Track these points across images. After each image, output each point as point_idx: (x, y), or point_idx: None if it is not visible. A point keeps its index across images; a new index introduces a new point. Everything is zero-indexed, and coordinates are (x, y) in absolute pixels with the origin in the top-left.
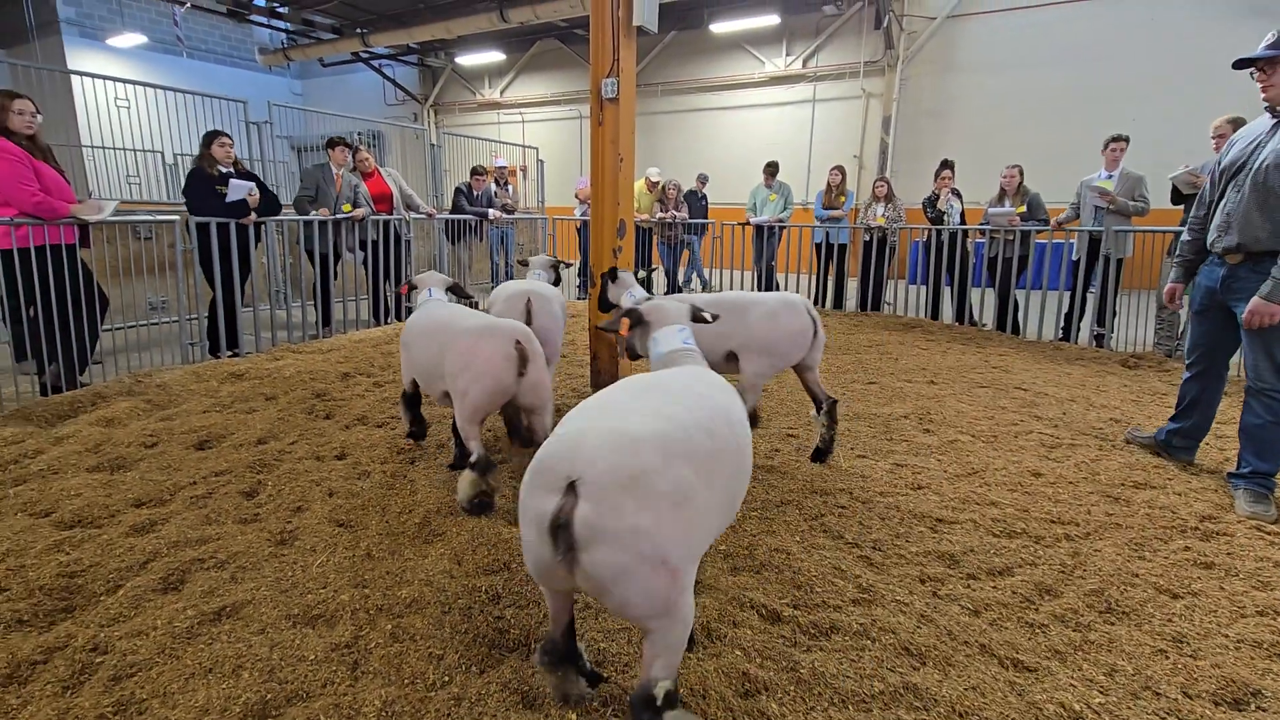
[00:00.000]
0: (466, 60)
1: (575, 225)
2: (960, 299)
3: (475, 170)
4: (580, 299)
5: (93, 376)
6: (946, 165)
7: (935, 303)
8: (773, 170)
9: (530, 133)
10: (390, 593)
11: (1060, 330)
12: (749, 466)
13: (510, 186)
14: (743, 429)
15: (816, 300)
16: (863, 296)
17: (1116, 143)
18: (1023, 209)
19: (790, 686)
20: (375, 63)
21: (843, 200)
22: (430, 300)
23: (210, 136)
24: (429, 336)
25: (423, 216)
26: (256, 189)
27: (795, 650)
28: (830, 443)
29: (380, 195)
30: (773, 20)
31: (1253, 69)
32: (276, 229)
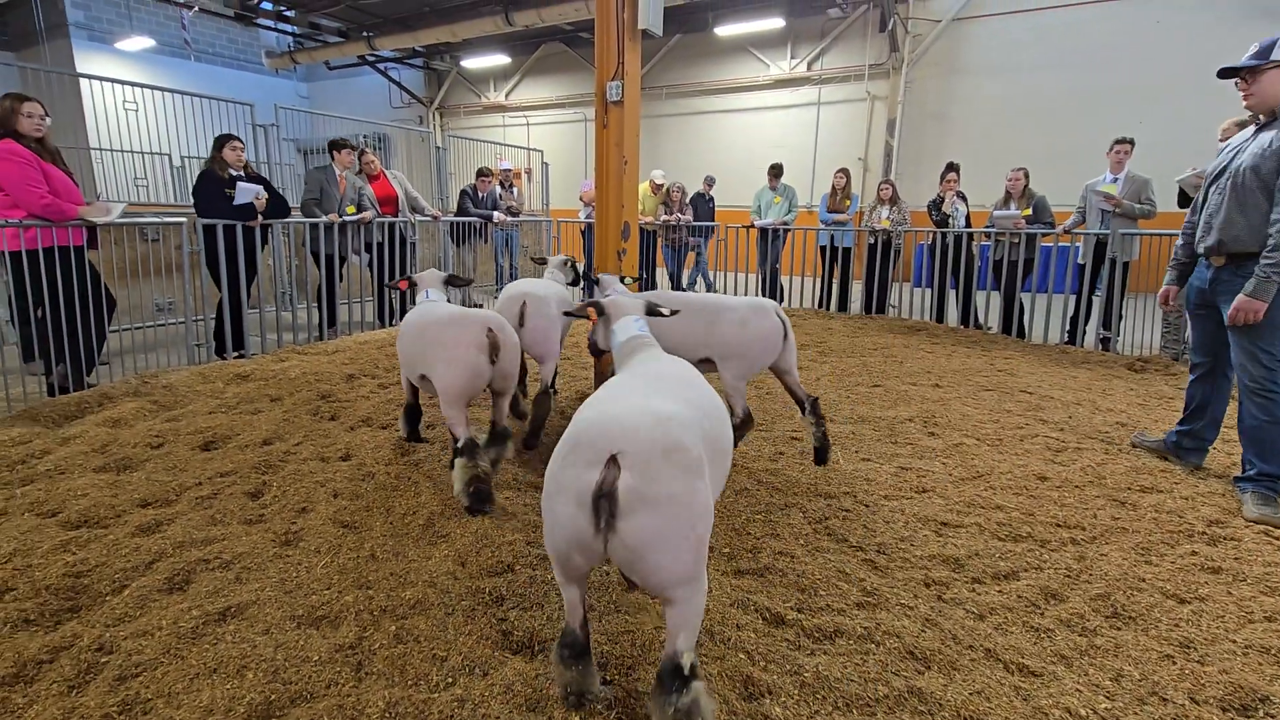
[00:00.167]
0: (472, 63)
1: (580, 228)
2: (965, 302)
3: (480, 173)
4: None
5: (100, 377)
6: (951, 168)
7: (940, 306)
8: (777, 172)
9: (535, 135)
10: (394, 594)
11: (1066, 333)
12: (730, 450)
13: (515, 189)
14: (724, 414)
15: (821, 303)
16: (867, 299)
17: (1121, 145)
18: (1028, 212)
19: (794, 690)
20: (381, 66)
21: (848, 204)
22: (424, 301)
23: (222, 140)
24: (414, 329)
25: (428, 219)
26: (264, 192)
27: (799, 654)
28: (825, 440)
29: (385, 198)
30: (777, 23)
31: (1237, 79)
32: (283, 231)
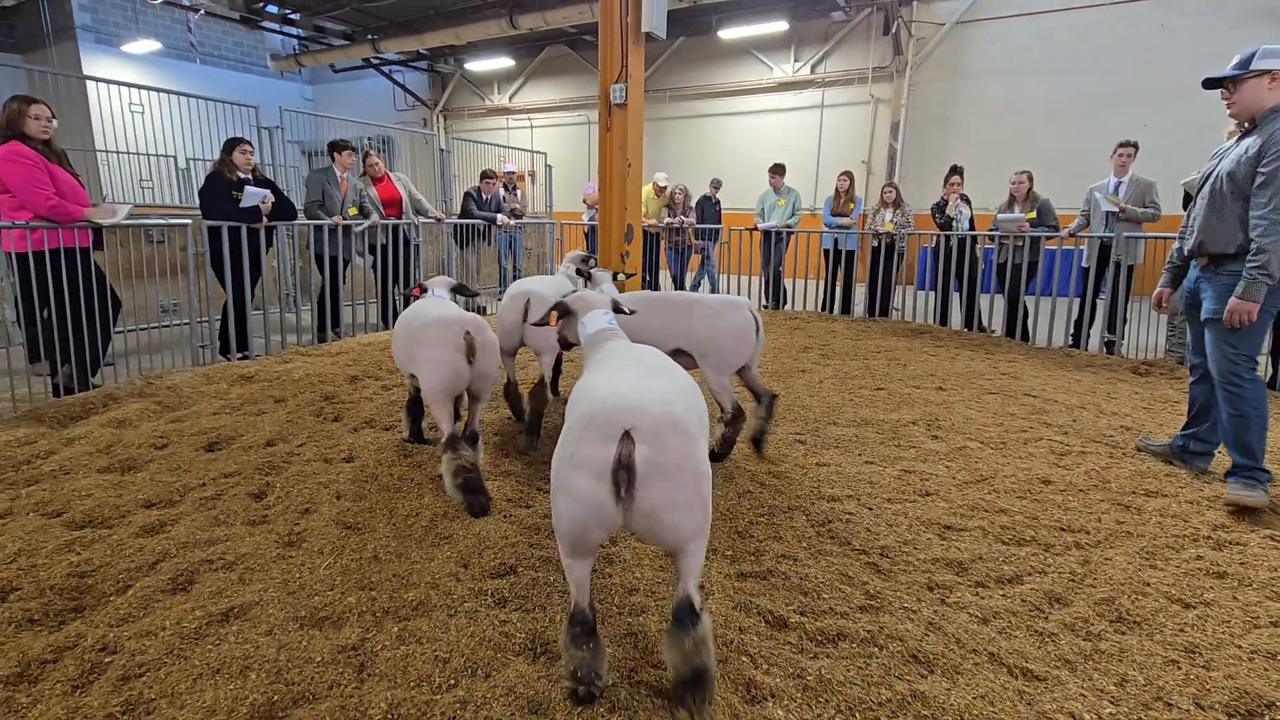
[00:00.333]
0: (476, 66)
1: (583, 230)
2: (969, 305)
3: (484, 175)
4: None
5: (104, 378)
6: (955, 171)
7: (944, 309)
8: (779, 171)
9: (539, 138)
10: (397, 595)
11: (1070, 337)
12: (708, 423)
13: (519, 191)
14: (699, 390)
15: (825, 306)
16: (871, 302)
17: (1124, 148)
18: (1032, 215)
19: (797, 693)
20: (385, 68)
21: (851, 207)
22: (427, 298)
23: (232, 143)
24: (403, 328)
25: (431, 221)
26: (271, 195)
27: (802, 657)
28: (763, 434)
29: (389, 200)
30: (781, 26)
31: (1221, 88)
32: (287, 233)
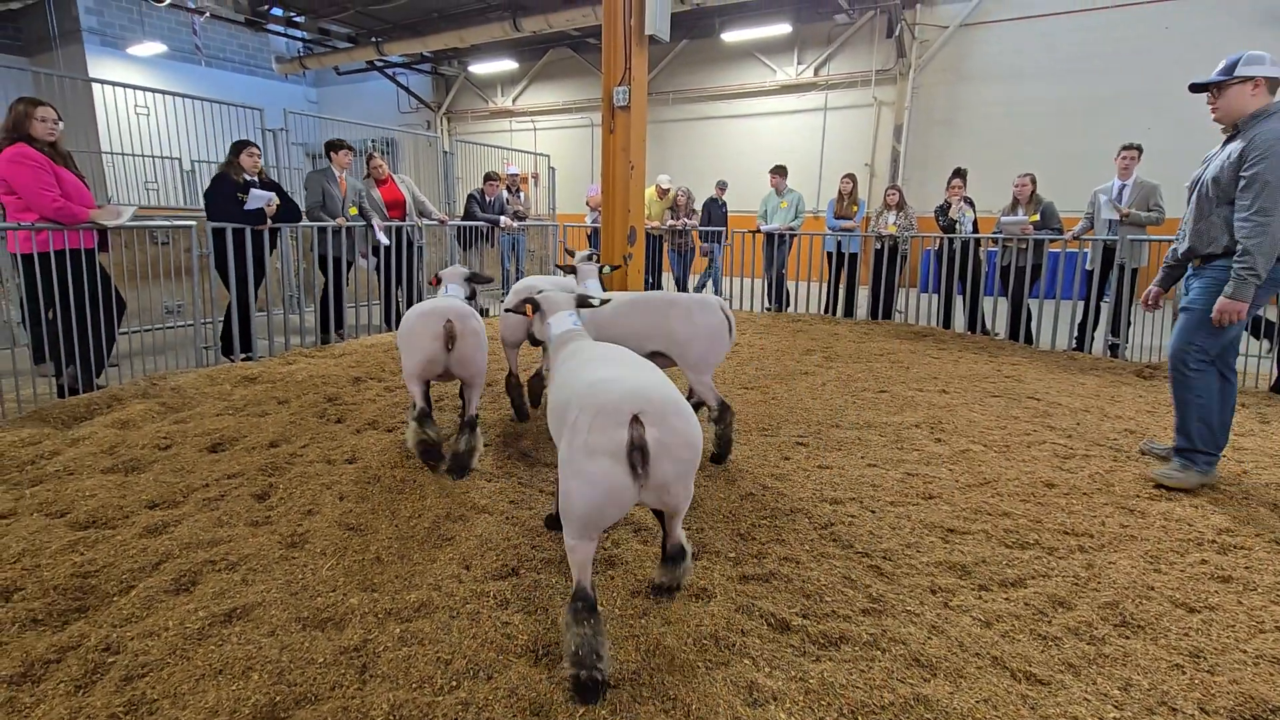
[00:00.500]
0: (479, 69)
1: (586, 232)
2: (972, 308)
3: (487, 177)
4: None
5: (109, 379)
6: (958, 174)
7: (947, 311)
8: (781, 172)
9: (542, 140)
10: (399, 597)
11: (1074, 340)
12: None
13: (522, 193)
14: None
15: (828, 309)
16: (874, 305)
17: (1128, 151)
18: (1036, 218)
19: (799, 696)
20: (389, 71)
21: (854, 209)
22: (444, 295)
23: (240, 146)
24: (404, 320)
25: (435, 223)
26: (276, 198)
27: (804, 660)
28: (724, 445)
29: (393, 202)
30: (784, 29)
31: (1207, 93)
32: (291, 235)
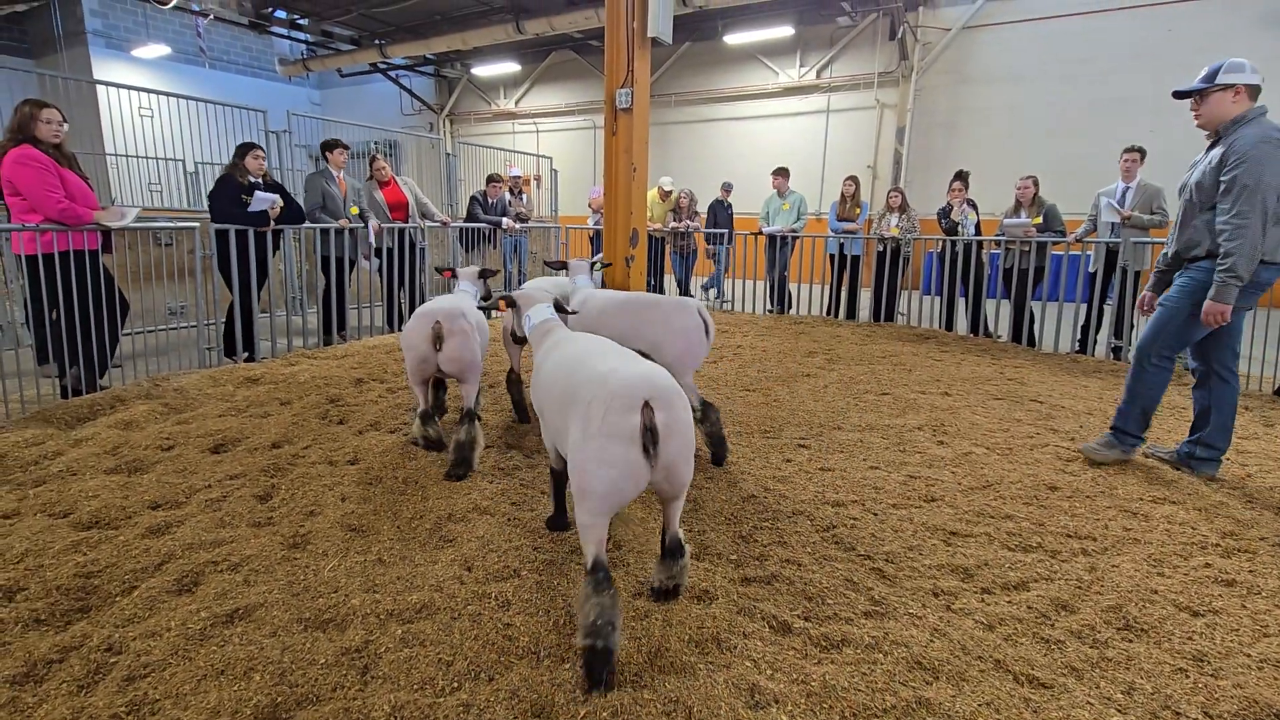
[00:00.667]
0: (482, 71)
1: (589, 234)
2: (975, 310)
3: (490, 179)
4: None
5: (112, 380)
6: (959, 176)
7: (949, 314)
8: (783, 173)
9: (544, 142)
10: (400, 598)
11: (1077, 342)
12: None
13: (524, 195)
14: None
15: (830, 311)
16: (876, 307)
17: (1131, 154)
18: (1038, 220)
19: (800, 699)
20: (392, 73)
21: (857, 211)
22: (457, 292)
23: (245, 148)
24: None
25: (437, 225)
26: (280, 201)
27: (806, 662)
28: (718, 443)
29: (396, 204)
30: (787, 31)
31: (1190, 99)
32: (294, 236)
